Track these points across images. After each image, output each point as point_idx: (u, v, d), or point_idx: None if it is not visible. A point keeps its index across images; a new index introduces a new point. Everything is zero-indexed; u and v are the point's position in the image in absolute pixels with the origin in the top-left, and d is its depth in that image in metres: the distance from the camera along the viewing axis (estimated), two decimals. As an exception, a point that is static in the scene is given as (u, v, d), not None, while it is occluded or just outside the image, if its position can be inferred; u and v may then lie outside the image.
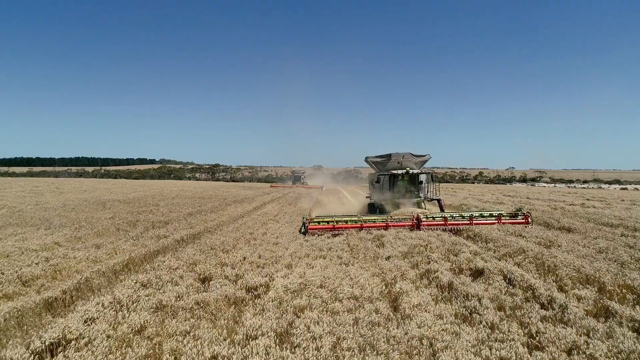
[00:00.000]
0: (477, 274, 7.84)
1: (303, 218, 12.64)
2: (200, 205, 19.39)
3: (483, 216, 12.55)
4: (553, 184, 77.60)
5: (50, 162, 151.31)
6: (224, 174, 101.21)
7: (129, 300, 5.12)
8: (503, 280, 7.11)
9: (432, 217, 12.39)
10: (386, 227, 11.84)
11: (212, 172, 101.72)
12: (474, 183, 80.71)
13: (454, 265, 8.28)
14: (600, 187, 61.74)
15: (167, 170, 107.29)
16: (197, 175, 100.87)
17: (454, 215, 12.43)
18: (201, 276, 6.64)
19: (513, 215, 12.76)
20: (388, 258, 8.84)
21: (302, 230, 12.04)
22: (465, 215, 12.50)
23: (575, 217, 14.64)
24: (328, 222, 12.15)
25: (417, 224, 11.88)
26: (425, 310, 5.45)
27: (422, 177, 15.60)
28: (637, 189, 50.91)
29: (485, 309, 5.64)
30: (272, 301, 5.42)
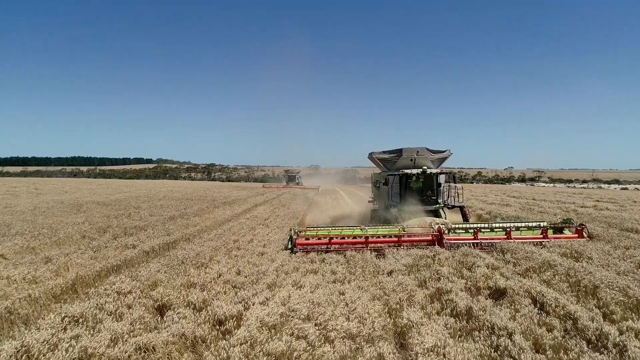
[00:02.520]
0: (498, 294, 6.53)
1: (290, 230, 9.66)
2: (185, 208, 17.99)
3: (523, 228, 9.99)
4: (552, 184, 76.64)
5: (46, 161, 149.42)
6: (219, 173, 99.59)
7: (42, 349, 3.74)
8: (532, 305, 5.81)
9: (457, 230, 9.90)
10: (398, 244, 9.26)
11: (208, 171, 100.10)
12: (472, 183, 79.61)
13: (468, 282, 6.97)
14: (600, 187, 60.75)
15: (162, 170, 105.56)
16: (192, 175, 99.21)
17: (482, 227, 9.98)
18: (157, 304, 5.28)
19: (558, 229, 10.25)
20: (390, 273, 7.52)
21: (289, 246, 9.41)
22: (498, 226, 9.96)
23: (594, 221, 13.38)
24: (322, 236, 9.49)
25: (437, 240, 9.27)
26: (444, 356, 4.12)
27: (441, 178, 12.45)
28: (637, 189, 50.00)
29: (520, 350, 4.32)
30: (241, 344, 4.08)
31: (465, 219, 12.09)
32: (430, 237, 9.36)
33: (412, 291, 6.46)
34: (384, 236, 9.52)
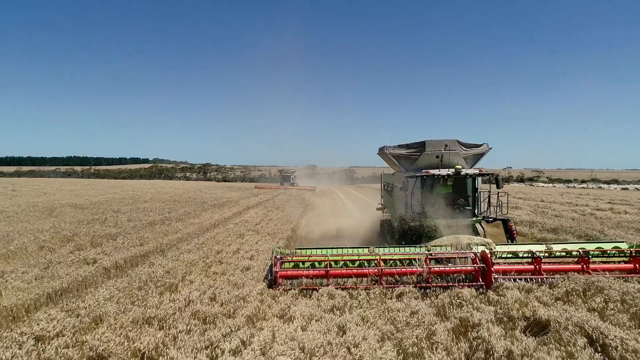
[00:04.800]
0: (538, 328, 5.17)
1: (272, 252, 6.86)
2: (170, 211, 16.55)
3: (595, 251, 6.98)
4: (552, 184, 75.62)
5: (42, 161, 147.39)
6: (215, 173, 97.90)
7: None
8: (589, 345, 4.46)
9: (503, 254, 6.98)
10: (427, 283, 6.38)
11: (204, 171, 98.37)
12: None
13: (497, 308, 5.61)
14: (601, 187, 59.68)
15: (157, 170, 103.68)
16: (188, 175, 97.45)
17: (536, 251, 6.85)
18: (90, 355, 3.87)
19: None
20: (400, 296, 6.15)
21: (269, 276, 6.60)
22: (563, 250, 6.99)
23: (619, 227, 12.09)
24: (317, 259, 6.75)
25: (481, 272, 6.36)
26: None
27: (478, 182, 9.20)
28: (638, 189, 49.09)
29: None
30: None
31: (511, 237, 9.04)
32: (471, 269, 6.48)
33: (431, 324, 5.10)
34: (404, 262, 6.73)
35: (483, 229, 9.28)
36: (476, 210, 9.06)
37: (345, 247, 7.24)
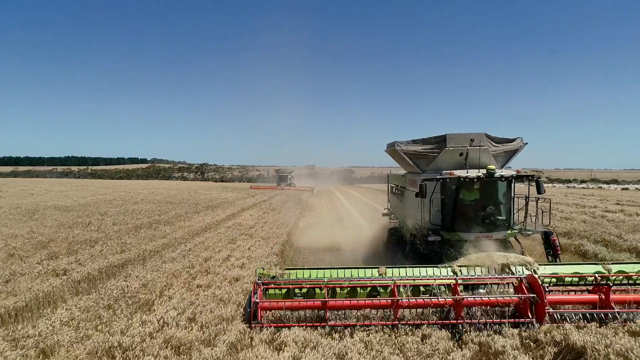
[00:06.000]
0: (572, 356, 4.41)
1: (256, 273, 5.36)
2: (160, 214, 15.73)
3: None
4: (551, 184, 75.09)
5: (39, 161, 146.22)
6: (213, 173, 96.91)
7: None
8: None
9: (551, 280, 5.39)
10: (456, 320, 4.91)
11: (201, 172, 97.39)
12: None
13: (522, 331, 4.83)
14: (601, 187, 59.12)
15: (155, 170, 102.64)
16: (185, 175, 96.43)
17: (599, 275, 5.43)
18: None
19: None
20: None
21: (247, 309, 5.12)
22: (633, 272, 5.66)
23: (637, 231, 11.35)
24: (313, 284, 5.34)
25: (530, 305, 4.90)
26: None
27: (512, 186, 7.43)
28: (639, 189, 48.57)
29: None
30: None
31: (554, 253, 7.38)
32: (515, 298, 4.96)
33: (447, 351, 4.34)
34: (427, 290, 5.30)
35: (520, 244, 7.76)
36: (511, 221, 7.30)
37: (348, 268, 5.82)
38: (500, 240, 7.12)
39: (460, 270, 5.67)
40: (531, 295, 4.84)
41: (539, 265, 6.08)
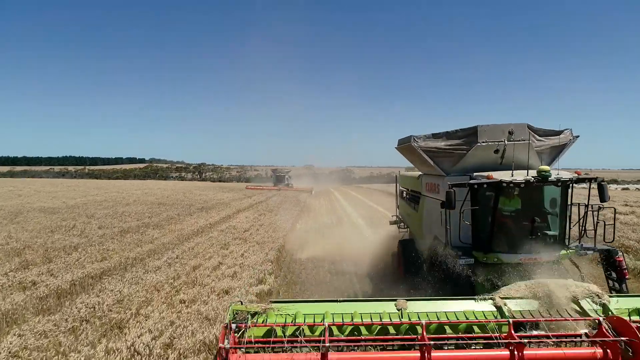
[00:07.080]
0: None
1: (228, 310, 3.52)
2: (150, 216, 14.98)
3: None
4: (552, 184, 74.61)
5: (37, 161, 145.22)
6: (211, 173, 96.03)
7: None
8: None
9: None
10: None
11: (199, 172, 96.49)
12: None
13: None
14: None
15: (152, 170, 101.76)
16: (183, 175, 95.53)
17: None
18: None
19: None
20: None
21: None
22: None
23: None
24: (307, 325, 3.43)
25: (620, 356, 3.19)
26: None
27: (572, 192, 5.56)
28: (639, 189, 48.11)
29: None
30: None
31: (620, 278, 5.52)
32: (599, 349, 3.23)
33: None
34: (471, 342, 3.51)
35: (578, 268, 5.76)
36: (566, 237, 5.47)
37: (355, 300, 4.36)
38: (553, 262, 5.32)
39: (507, 306, 4.05)
40: (618, 339, 3.17)
41: (609, 297, 4.15)
